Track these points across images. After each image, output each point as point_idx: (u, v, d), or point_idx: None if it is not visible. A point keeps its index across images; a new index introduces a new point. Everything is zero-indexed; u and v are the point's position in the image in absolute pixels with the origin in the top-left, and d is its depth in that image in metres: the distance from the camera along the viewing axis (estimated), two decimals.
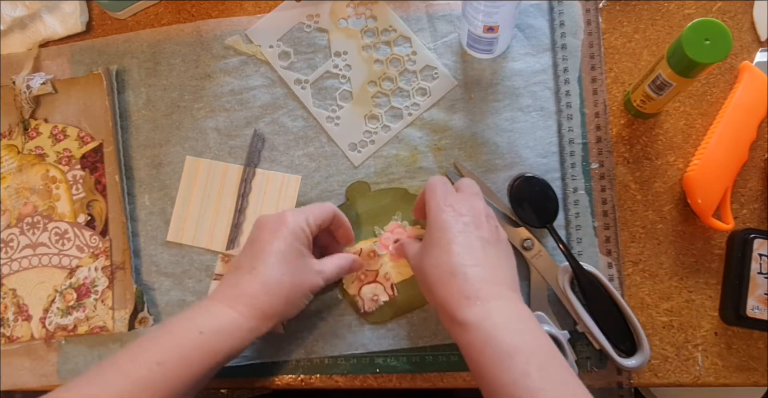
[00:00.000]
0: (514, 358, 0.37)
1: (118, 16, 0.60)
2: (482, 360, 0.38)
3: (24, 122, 0.59)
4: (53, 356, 0.55)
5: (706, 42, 0.42)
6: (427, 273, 0.42)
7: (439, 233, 0.43)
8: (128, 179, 0.57)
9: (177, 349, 0.42)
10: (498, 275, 0.42)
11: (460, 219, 0.43)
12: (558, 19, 0.55)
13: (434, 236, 0.43)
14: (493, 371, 0.37)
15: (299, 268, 0.46)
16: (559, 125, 0.54)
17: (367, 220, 0.54)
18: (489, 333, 0.38)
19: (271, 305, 0.44)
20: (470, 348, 0.39)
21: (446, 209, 0.43)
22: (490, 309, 0.39)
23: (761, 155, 0.52)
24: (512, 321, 0.39)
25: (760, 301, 0.49)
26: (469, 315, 0.39)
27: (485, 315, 0.39)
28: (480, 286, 0.40)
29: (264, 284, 0.44)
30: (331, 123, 0.56)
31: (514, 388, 0.36)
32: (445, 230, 0.42)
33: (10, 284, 0.57)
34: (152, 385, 0.40)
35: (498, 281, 0.41)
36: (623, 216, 0.53)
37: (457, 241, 0.42)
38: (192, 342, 0.42)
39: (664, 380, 0.50)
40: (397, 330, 0.52)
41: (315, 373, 0.52)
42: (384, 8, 0.57)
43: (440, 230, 0.43)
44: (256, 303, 0.44)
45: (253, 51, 0.58)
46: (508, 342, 0.38)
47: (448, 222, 0.43)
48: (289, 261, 0.46)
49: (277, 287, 0.45)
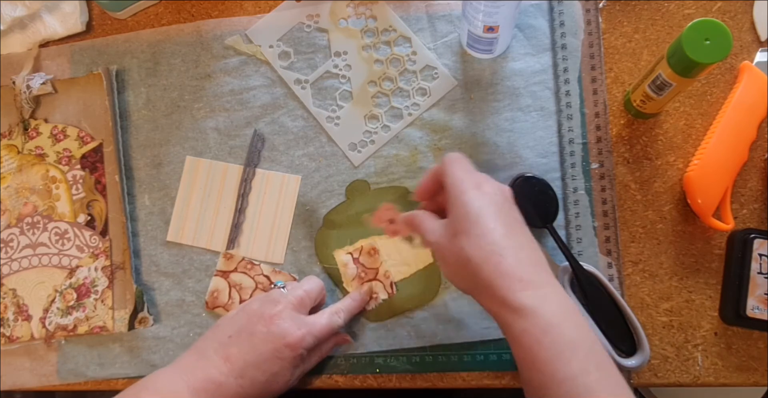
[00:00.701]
0: (575, 352, 0.35)
1: (118, 16, 0.60)
2: (538, 350, 0.36)
3: (24, 122, 0.59)
4: (53, 356, 0.55)
5: (706, 42, 0.42)
6: (464, 254, 0.39)
7: (473, 214, 0.40)
8: (128, 179, 0.57)
9: None
10: (540, 259, 0.40)
11: (492, 199, 0.41)
12: (558, 19, 0.55)
13: (468, 217, 0.40)
14: (551, 363, 0.35)
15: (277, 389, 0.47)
16: (559, 125, 0.54)
17: (366, 219, 0.54)
18: (549, 321, 0.36)
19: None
20: (525, 336, 0.37)
21: (473, 190, 0.41)
22: (546, 295, 0.37)
23: (761, 155, 0.52)
24: (568, 311, 0.38)
25: (760, 301, 0.49)
26: (526, 299, 0.37)
27: (541, 302, 0.37)
28: (532, 269, 0.38)
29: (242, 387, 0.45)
30: (331, 123, 0.56)
31: (573, 385, 0.35)
32: (481, 210, 0.40)
33: (10, 284, 0.57)
34: None
35: (543, 266, 0.40)
36: (623, 216, 0.53)
37: (499, 222, 0.39)
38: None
39: (664, 380, 0.50)
40: (397, 330, 0.52)
41: (315, 373, 0.52)
42: (384, 8, 0.57)
43: (475, 211, 0.40)
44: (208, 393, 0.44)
45: (253, 51, 0.58)
46: (567, 335, 0.36)
47: (482, 203, 0.40)
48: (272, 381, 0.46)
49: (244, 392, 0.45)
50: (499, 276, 0.38)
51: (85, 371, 0.54)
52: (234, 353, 0.45)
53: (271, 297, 0.48)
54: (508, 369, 0.51)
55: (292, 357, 0.46)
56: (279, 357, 0.45)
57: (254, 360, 0.45)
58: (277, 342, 0.45)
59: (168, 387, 0.44)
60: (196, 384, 0.44)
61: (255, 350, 0.45)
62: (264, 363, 0.45)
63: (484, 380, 0.51)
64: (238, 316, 0.48)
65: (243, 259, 0.55)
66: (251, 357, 0.45)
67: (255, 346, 0.45)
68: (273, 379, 0.45)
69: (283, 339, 0.45)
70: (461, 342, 0.51)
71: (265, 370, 0.45)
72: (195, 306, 0.55)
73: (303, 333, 0.46)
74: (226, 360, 0.45)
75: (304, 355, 0.47)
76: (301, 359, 0.47)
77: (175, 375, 0.45)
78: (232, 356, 0.45)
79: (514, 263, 0.38)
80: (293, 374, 0.47)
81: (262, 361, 0.45)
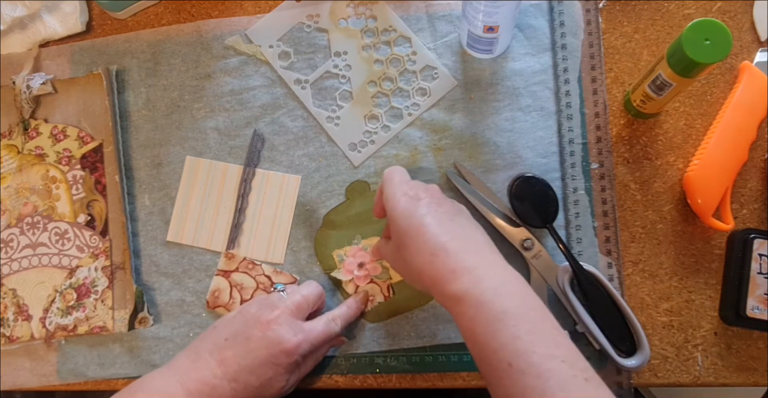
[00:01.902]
0: (503, 321, 0.37)
1: (118, 16, 0.60)
2: (473, 327, 0.38)
3: (24, 122, 0.59)
4: (53, 356, 0.55)
5: (706, 42, 0.42)
6: (408, 262, 0.42)
7: (405, 221, 0.42)
8: (128, 179, 0.57)
9: None
10: (475, 242, 0.42)
11: (420, 202, 0.43)
12: (558, 19, 0.55)
13: (401, 225, 0.42)
14: (484, 337, 0.37)
15: (269, 394, 0.46)
16: (559, 125, 0.54)
17: (366, 219, 0.54)
18: (479, 299, 0.38)
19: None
20: (462, 318, 0.39)
21: (402, 198, 0.43)
22: (478, 276, 0.39)
23: (761, 155, 0.52)
24: (501, 284, 0.39)
25: (760, 301, 0.49)
26: (459, 286, 0.39)
27: (474, 283, 0.39)
28: (463, 257, 0.40)
29: (236, 392, 0.45)
30: (331, 123, 0.56)
31: (504, 352, 0.36)
32: (410, 216, 0.42)
33: (10, 284, 0.57)
34: None
35: (478, 249, 0.41)
36: (623, 216, 0.53)
37: (426, 222, 0.41)
38: None
39: (664, 380, 0.50)
40: (397, 330, 0.52)
41: (315, 373, 0.52)
42: (384, 8, 0.57)
43: (406, 218, 0.42)
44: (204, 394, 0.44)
45: (253, 51, 0.58)
46: (497, 307, 0.37)
47: (410, 208, 0.42)
48: (265, 386, 0.45)
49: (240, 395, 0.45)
50: (435, 274, 0.40)
51: (85, 371, 0.54)
52: (229, 356, 0.45)
53: (269, 301, 0.48)
54: None
55: (288, 364, 0.45)
56: (274, 362, 0.45)
57: (249, 365, 0.45)
58: (272, 348, 0.45)
59: (164, 388, 0.44)
60: (190, 385, 0.44)
61: (250, 354, 0.45)
62: (258, 368, 0.45)
63: (483, 380, 0.51)
64: (235, 319, 0.48)
65: (244, 259, 0.55)
66: (246, 362, 0.45)
67: (250, 351, 0.45)
68: (267, 384, 0.45)
69: (279, 345, 0.45)
70: (461, 342, 0.51)
71: (259, 375, 0.45)
72: (195, 306, 0.55)
73: (299, 340, 0.46)
74: (221, 363, 0.45)
75: (300, 361, 0.47)
76: (296, 365, 0.47)
77: (170, 376, 0.45)
78: (227, 359, 0.45)
79: (445, 258, 0.40)
80: (288, 380, 0.47)
81: (256, 366, 0.45)
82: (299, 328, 0.47)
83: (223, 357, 0.45)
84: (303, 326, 0.47)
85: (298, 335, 0.46)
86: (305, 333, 0.47)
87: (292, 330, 0.46)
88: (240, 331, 0.46)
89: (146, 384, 0.45)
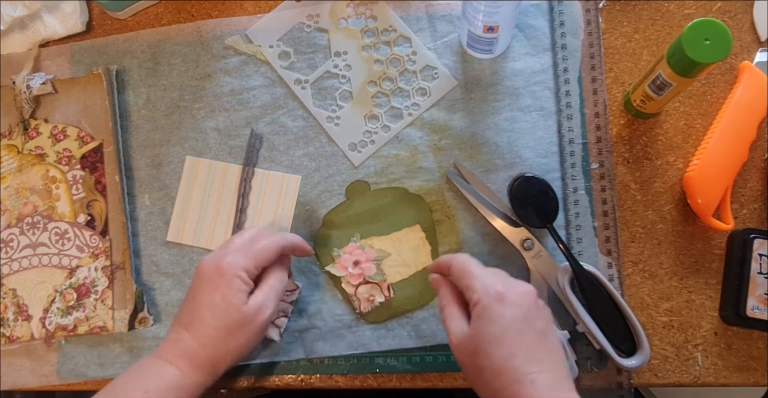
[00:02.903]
0: None
1: (118, 16, 0.60)
2: None
3: (24, 122, 0.59)
4: (53, 356, 0.55)
5: (706, 42, 0.42)
6: (486, 377, 0.39)
7: (495, 328, 0.39)
8: (128, 179, 0.57)
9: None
10: (562, 372, 0.40)
11: (517, 313, 0.40)
12: (558, 19, 0.55)
13: (489, 330, 0.39)
14: None
15: (237, 317, 0.45)
16: (559, 125, 0.54)
17: (367, 219, 0.54)
18: None
19: (211, 359, 0.45)
20: None
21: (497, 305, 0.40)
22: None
23: (761, 155, 0.52)
24: None
25: (760, 301, 0.49)
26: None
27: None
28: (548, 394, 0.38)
29: (200, 342, 0.45)
30: (331, 123, 0.56)
31: None
32: (502, 326, 0.39)
33: (10, 284, 0.57)
34: None
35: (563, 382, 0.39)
36: (623, 216, 0.53)
37: (517, 343, 0.39)
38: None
39: (664, 380, 0.50)
40: (397, 330, 0.52)
41: (315, 373, 0.52)
42: (384, 8, 0.57)
43: (495, 325, 0.39)
44: (196, 359, 0.45)
45: (253, 51, 0.58)
46: None
47: (504, 318, 0.39)
48: (225, 315, 0.45)
49: (214, 343, 0.45)
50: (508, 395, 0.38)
51: (85, 371, 0.54)
52: (181, 315, 0.47)
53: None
54: None
55: (228, 281, 0.45)
56: (211, 285, 0.45)
57: (192, 305, 0.46)
58: (206, 276, 0.46)
59: (159, 370, 0.45)
60: (170, 358, 0.45)
61: (191, 298, 0.46)
62: (198, 297, 0.45)
63: None
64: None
65: None
66: (188, 305, 0.46)
67: (192, 296, 0.46)
68: (220, 309, 0.44)
69: (213, 270, 0.45)
70: None
71: (202, 304, 0.45)
72: None
73: (233, 257, 0.45)
74: (181, 325, 0.46)
75: (244, 278, 0.45)
76: (243, 282, 0.45)
77: (159, 356, 0.46)
78: (182, 319, 0.46)
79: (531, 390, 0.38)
80: (244, 300, 0.45)
81: (197, 299, 0.45)
82: (222, 248, 0.47)
83: (180, 321, 0.46)
84: (227, 246, 0.47)
85: (232, 254, 0.46)
86: (243, 250, 0.46)
87: (214, 253, 0.47)
88: (183, 305, 0.48)
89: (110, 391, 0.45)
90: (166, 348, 0.46)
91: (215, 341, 0.45)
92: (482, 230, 0.53)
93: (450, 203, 0.54)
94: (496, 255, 0.52)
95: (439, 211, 0.54)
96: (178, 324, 0.47)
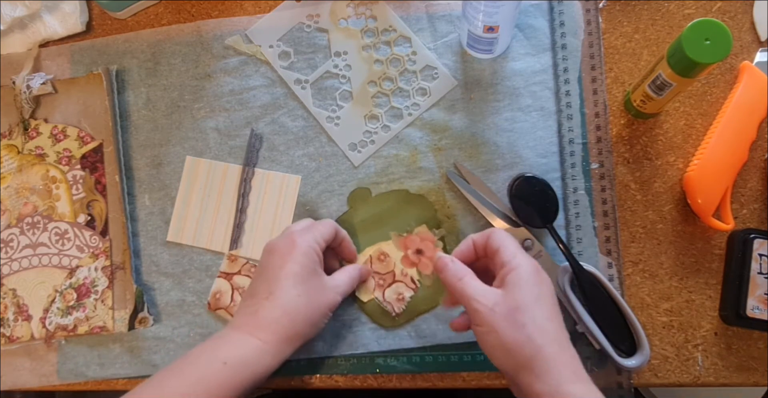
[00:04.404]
0: None
1: (118, 16, 0.60)
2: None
3: (24, 122, 0.59)
4: (53, 356, 0.55)
5: (706, 42, 0.42)
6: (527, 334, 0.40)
7: (537, 290, 0.41)
8: (128, 179, 0.57)
9: (202, 383, 0.41)
10: (569, 347, 0.42)
11: (549, 287, 0.43)
12: (558, 19, 0.55)
13: (532, 291, 0.41)
14: None
15: (316, 288, 0.46)
16: (559, 125, 0.54)
17: (371, 225, 0.54)
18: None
19: (293, 328, 0.45)
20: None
21: (537, 272, 0.42)
22: (591, 390, 0.39)
23: (761, 155, 0.52)
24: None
25: (760, 301, 0.49)
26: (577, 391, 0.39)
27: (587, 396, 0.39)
28: (578, 363, 0.40)
29: (283, 309, 0.45)
30: (331, 123, 0.56)
31: None
32: (540, 292, 0.41)
33: (10, 284, 0.57)
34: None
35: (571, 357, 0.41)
36: (623, 216, 0.53)
37: (553, 310, 0.42)
38: (217, 374, 0.42)
39: (664, 380, 0.50)
40: (396, 330, 0.52)
41: (315, 373, 0.52)
42: (384, 8, 0.57)
43: (537, 288, 0.41)
44: (278, 328, 0.44)
45: (253, 51, 0.58)
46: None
47: (544, 285, 0.42)
48: (305, 282, 0.46)
49: (296, 310, 0.45)
50: (560, 364, 0.39)
51: (85, 371, 0.54)
52: (256, 289, 0.47)
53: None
54: None
55: (304, 252, 0.46)
56: (286, 257, 0.46)
57: (268, 279, 0.46)
58: (278, 250, 0.47)
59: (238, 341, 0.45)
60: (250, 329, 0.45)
61: (264, 273, 0.47)
62: (274, 271, 0.46)
63: (484, 380, 0.51)
64: None
65: (247, 262, 0.55)
66: (263, 279, 0.46)
67: (265, 271, 0.47)
68: (299, 278, 0.45)
69: (286, 244, 0.47)
70: (461, 342, 0.51)
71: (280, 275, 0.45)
72: (195, 306, 0.55)
73: (301, 234, 0.47)
74: (259, 298, 0.46)
75: (317, 250, 0.47)
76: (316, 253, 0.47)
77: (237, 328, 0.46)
78: (258, 292, 0.46)
79: (570, 353, 0.40)
80: (321, 271, 0.47)
81: (272, 272, 0.46)
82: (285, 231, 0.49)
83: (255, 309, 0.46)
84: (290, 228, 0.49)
85: (305, 233, 0.48)
86: (311, 230, 0.48)
87: (279, 236, 0.49)
88: (255, 279, 0.48)
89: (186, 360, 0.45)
90: (244, 320, 0.45)
91: (299, 308, 0.45)
92: (482, 231, 0.53)
93: (450, 203, 0.54)
94: None
95: (439, 211, 0.54)
96: (254, 297, 0.46)
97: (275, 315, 0.45)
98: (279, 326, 0.44)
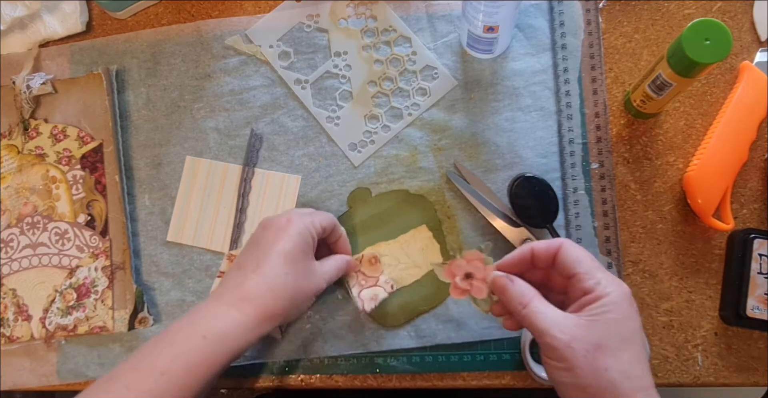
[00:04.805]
0: None
1: (118, 16, 0.60)
2: None
3: (24, 122, 0.59)
4: (53, 356, 0.55)
5: (706, 42, 0.42)
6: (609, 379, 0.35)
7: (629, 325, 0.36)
8: (128, 179, 0.57)
9: (181, 357, 0.41)
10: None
11: (638, 319, 0.37)
12: (558, 19, 0.55)
13: (623, 326, 0.36)
14: None
15: (305, 270, 0.46)
16: (559, 125, 0.54)
17: (371, 225, 0.54)
18: None
19: (275, 306, 0.44)
20: None
21: (629, 304, 0.37)
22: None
23: (761, 155, 0.52)
24: None
25: (760, 301, 0.49)
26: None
27: None
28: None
29: (269, 285, 0.44)
30: (331, 123, 0.56)
31: None
32: (631, 328, 0.36)
33: (10, 284, 0.57)
34: (159, 396, 0.39)
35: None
36: (623, 216, 0.53)
37: (641, 351, 0.36)
38: (195, 348, 0.41)
39: (664, 380, 0.50)
40: (396, 330, 0.52)
41: (315, 373, 0.52)
42: (384, 8, 0.57)
43: (629, 323, 0.36)
44: (261, 303, 0.44)
45: (253, 51, 0.58)
46: None
47: (634, 320, 0.37)
48: (295, 263, 0.45)
49: (283, 287, 0.44)
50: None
51: (85, 371, 0.54)
52: (245, 261, 0.46)
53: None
54: (508, 369, 0.51)
55: (299, 232, 0.46)
56: (280, 233, 0.45)
57: (258, 252, 0.45)
58: (273, 226, 0.47)
59: (218, 313, 0.44)
60: (233, 301, 0.44)
61: (256, 246, 0.46)
62: (266, 245, 0.45)
63: (484, 380, 0.51)
64: None
65: None
66: (253, 252, 0.46)
67: (257, 244, 0.46)
68: (290, 257, 0.45)
69: (283, 221, 0.47)
70: (461, 342, 0.51)
71: (272, 250, 0.45)
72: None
73: (299, 215, 0.47)
74: (246, 270, 0.45)
75: (312, 232, 0.47)
76: (311, 236, 0.47)
77: (219, 298, 0.45)
78: (246, 263, 0.46)
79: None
80: (312, 256, 0.47)
81: (265, 245, 0.45)
82: (284, 212, 0.49)
83: (241, 281, 0.45)
84: (289, 210, 0.49)
85: (303, 215, 0.48)
86: (310, 215, 0.48)
87: (277, 214, 0.48)
88: (245, 252, 0.48)
89: (166, 334, 0.44)
90: (228, 291, 0.45)
91: (286, 286, 0.44)
92: (482, 231, 0.53)
93: (450, 203, 0.54)
94: (496, 256, 0.52)
95: (439, 211, 0.54)
96: (242, 269, 0.45)
97: (260, 290, 0.44)
98: (262, 300, 0.44)
